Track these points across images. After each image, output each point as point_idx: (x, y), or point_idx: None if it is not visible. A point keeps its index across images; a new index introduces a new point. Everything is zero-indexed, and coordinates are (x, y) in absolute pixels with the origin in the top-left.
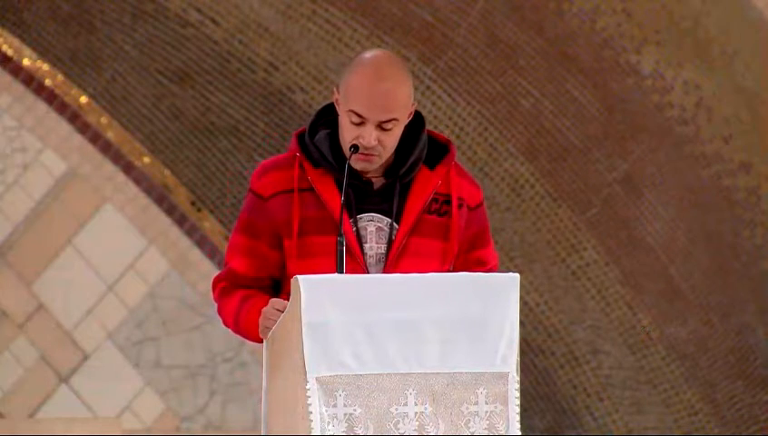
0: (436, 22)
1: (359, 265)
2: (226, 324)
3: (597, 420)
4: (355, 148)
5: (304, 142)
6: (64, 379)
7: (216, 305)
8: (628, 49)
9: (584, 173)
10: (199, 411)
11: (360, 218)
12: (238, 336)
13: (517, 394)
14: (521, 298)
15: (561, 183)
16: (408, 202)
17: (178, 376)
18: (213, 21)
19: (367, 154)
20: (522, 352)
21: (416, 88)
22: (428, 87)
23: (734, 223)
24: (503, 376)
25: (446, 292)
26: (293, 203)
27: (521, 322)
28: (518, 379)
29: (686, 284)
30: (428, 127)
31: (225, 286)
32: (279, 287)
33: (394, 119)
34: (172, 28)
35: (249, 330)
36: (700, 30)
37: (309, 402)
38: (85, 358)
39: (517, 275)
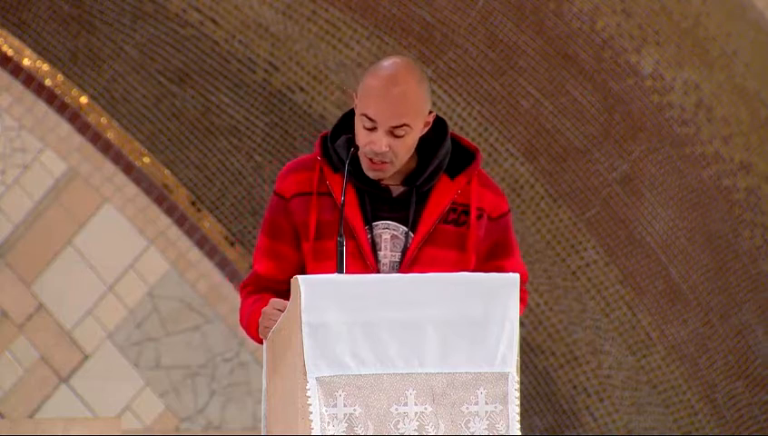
0: (436, 22)
1: (372, 273)
2: (241, 326)
3: (597, 420)
4: (355, 148)
5: (327, 145)
6: (64, 379)
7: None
8: (628, 49)
9: (584, 173)
10: (199, 411)
11: (376, 225)
12: (245, 336)
13: (517, 394)
14: None
15: (561, 183)
16: (424, 211)
17: (178, 376)
18: (213, 21)
19: (378, 163)
20: (522, 352)
21: None
22: None
23: (734, 223)
24: (503, 376)
25: (446, 292)
26: (311, 206)
27: (521, 322)
28: (518, 379)
29: (686, 284)
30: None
31: (249, 290)
32: None
33: (406, 125)
34: (172, 28)
35: (252, 330)
36: (700, 30)
37: (309, 402)
38: (85, 358)
39: (517, 275)
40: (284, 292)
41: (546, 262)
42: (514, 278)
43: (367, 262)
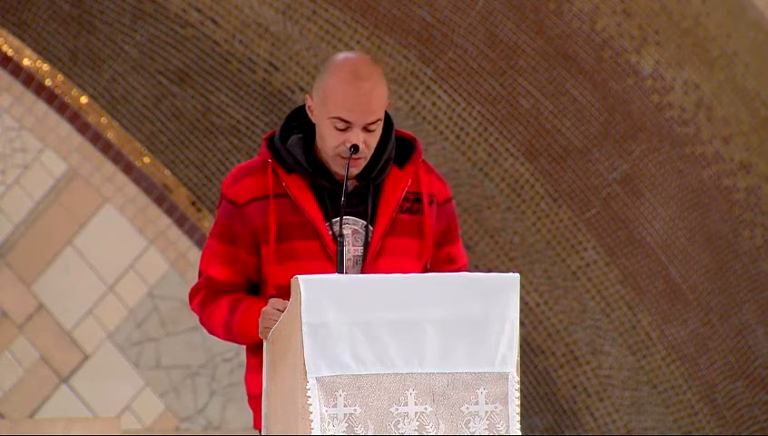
0: (436, 22)
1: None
2: (213, 333)
3: (597, 420)
4: (355, 148)
5: (275, 147)
6: (64, 379)
7: (198, 316)
8: (628, 49)
9: (584, 173)
10: (199, 411)
11: (335, 221)
12: (228, 342)
13: (517, 394)
14: (521, 298)
15: (561, 183)
16: (381, 203)
17: (178, 376)
18: (213, 21)
19: (354, 159)
20: (522, 352)
21: (416, 88)
22: (428, 87)
23: (734, 223)
24: (503, 376)
25: (446, 292)
26: (269, 210)
27: (521, 322)
28: (518, 379)
29: (686, 284)
30: (427, 127)
31: (206, 295)
32: (257, 291)
33: (378, 120)
34: (172, 28)
35: (244, 333)
36: (700, 30)
37: (309, 402)
38: (85, 358)
39: (517, 275)
40: (244, 294)
41: (546, 262)
42: (514, 278)
43: (332, 258)
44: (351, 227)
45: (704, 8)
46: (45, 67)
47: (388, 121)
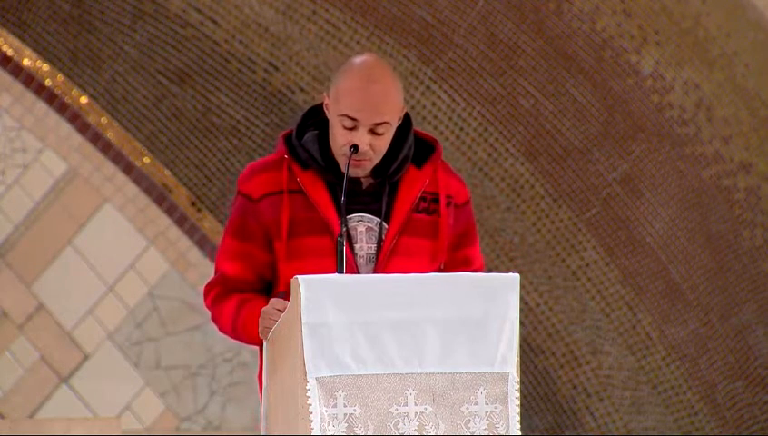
0: (436, 22)
1: (349, 265)
2: (223, 331)
3: (597, 420)
4: (355, 148)
5: (292, 143)
6: (64, 379)
7: (210, 313)
8: (628, 49)
9: (584, 173)
10: (199, 411)
11: (350, 218)
12: (236, 341)
13: (517, 394)
14: (521, 298)
15: (561, 183)
16: (396, 201)
17: (178, 376)
18: (213, 21)
19: (359, 160)
20: (522, 352)
21: (416, 88)
22: (428, 87)
23: (734, 223)
24: (503, 376)
25: (446, 292)
26: (282, 205)
27: (521, 322)
28: (518, 379)
29: (686, 284)
30: (427, 127)
31: (219, 292)
32: (270, 289)
33: (386, 122)
34: (172, 28)
35: (247, 332)
36: (700, 30)
37: (309, 403)
38: (85, 358)
39: (517, 275)
40: (254, 292)
41: (546, 262)
42: (514, 278)
43: (344, 255)
44: (366, 224)
45: (704, 8)
46: (45, 67)
47: (407, 120)
